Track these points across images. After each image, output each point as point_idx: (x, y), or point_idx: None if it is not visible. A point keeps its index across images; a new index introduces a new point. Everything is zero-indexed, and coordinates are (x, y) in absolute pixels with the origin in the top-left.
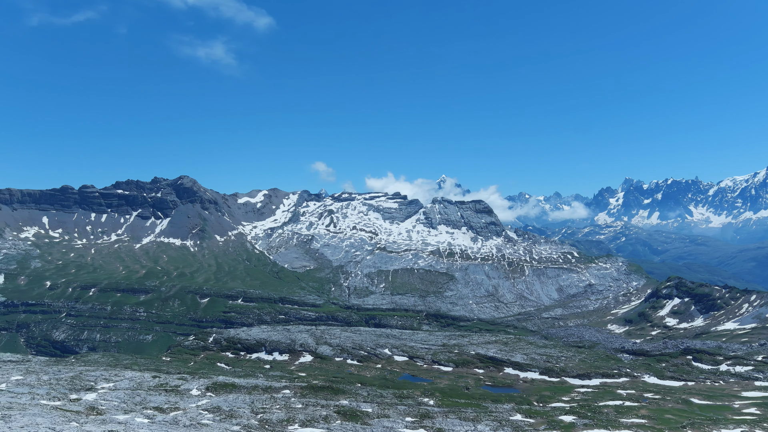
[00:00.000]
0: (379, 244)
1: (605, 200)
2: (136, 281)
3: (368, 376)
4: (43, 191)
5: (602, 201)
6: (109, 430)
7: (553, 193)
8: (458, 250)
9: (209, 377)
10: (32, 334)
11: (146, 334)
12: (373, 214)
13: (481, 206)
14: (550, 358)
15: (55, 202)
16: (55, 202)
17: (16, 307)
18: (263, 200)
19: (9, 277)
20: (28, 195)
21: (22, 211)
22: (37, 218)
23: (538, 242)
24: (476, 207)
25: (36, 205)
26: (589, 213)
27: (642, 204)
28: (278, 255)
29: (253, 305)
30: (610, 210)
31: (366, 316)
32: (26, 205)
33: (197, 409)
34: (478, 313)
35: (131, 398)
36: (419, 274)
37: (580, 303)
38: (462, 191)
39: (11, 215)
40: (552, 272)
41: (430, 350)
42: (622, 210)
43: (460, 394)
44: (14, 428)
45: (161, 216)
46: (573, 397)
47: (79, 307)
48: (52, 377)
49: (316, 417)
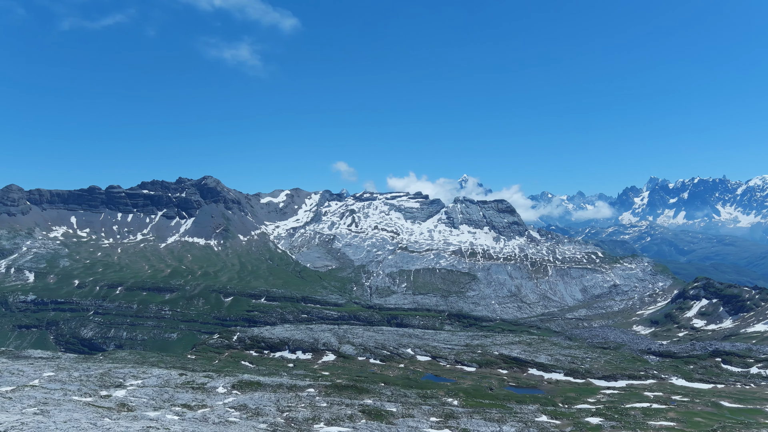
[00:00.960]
0: (400, 244)
1: (630, 200)
2: (162, 280)
3: (391, 376)
4: (71, 192)
5: (627, 200)
6: (148, 426)
7: (577, 192)
8: (480, 250)
9: (234, 375)
10: (61, 332)
11: (171, 333)
12: (394, 214)
13: (503, 206)
14: (575, 359)
15: (83, 202)
16: (82, 202)
17: (45, 305)
18: (285, 200)
19: (39, 275)
20: (57, 195)
21: (51, 211)
22: (65, 218)
23: (562, 242)
24: (498, 207)
25: (64, 205)
26: (613, 212)
27: (667, 203)
28: (300, 254)
29: (275, 304)
30: (635, 209)
31: (388, 315)
32: (55, 206)
33: (224, 406)
34: (500, 313)
35: (159, 395)
36: (441, 274)
37: (604, 304)
38: (484, 191)
39: (41, 215)
40: (576, 272)
41: (453, 350)
42: (647, 209)
43: (484, 395)
44: (58, 422)
45: (186, 216)
46: (599, 398)
47: (106, 305)
48: (83, 374)
49: (341, 416)
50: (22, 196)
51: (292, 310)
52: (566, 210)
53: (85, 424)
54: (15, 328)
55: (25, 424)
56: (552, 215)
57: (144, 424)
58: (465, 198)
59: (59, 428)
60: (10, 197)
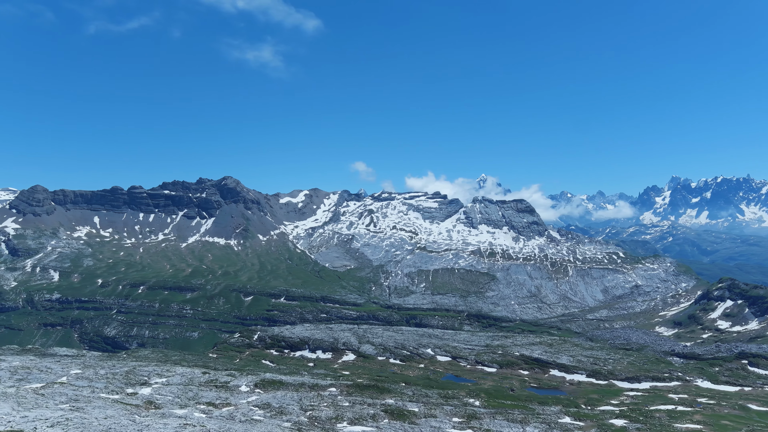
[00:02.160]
0: (419, 244)
1: (651, 199)
2: (183, 279)
3: (412, 376)
4: (94, 192)
5: (648, 200)
6: (185, 423)
7: (597, 192)
8: (499, 250)
9: (256, 374)
10: (85, 330)
11: (192, 331)
12: (413, 214)
13: (522, 205)
14: (597, 360)
15: (106, 202)
16: (105, 202)
17: (70, 304)
18: (304, 200)
19: (63, 274)
20: (81, 196)
21: (74, 211)
22: (88, 218)
23: (582, 242)
24: (518, 206)
25: (88, 206)
26: (634, 212)
27: (690, 203)
28: (319, 254)
29: (295, 304)
30: (656, 209)
31: (407, 315)
32: (79, 206)
33: (248, 405)
34: (520, 313)
35: (184, 393)
36: (460, 274)
37: (626, 304)
38: (503, 190)
39: (65, 215)
40: (597, 273)
41: (473, 351)
42: (668, 209)
43: (506, 396)
44: (99, 418)
45: (206, 216)
46: (622, 400)
47: (129, 304)
48: (108, 372)
49: (364, 415)
50: (47, 196)
51: (311, 310)
52: (586, 210)
53: (124, 420)
54: (41, 326)
55: (70, 420)
56: (572, 215)
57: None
58: (484, 198)
59: (101, 424)
60: (36, 198)
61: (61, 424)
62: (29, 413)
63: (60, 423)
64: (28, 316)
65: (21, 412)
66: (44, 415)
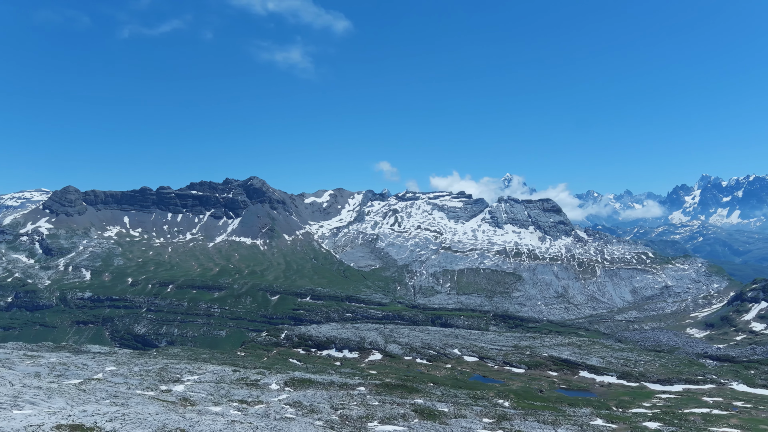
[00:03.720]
0: (444, 244)
1: (680, 198)
2: (210, 278)
3: (439, 376)
4: (124, 192)
5: (677, 199)
6: (232, 421)
7: (624, 191)
8: (525, 249)
9: (285, 372)
10: (116, 328)
11: (220, 330)
12: (437, 214)
13: (549, 205)
14: (628, 362)
15: (135, 202)
16: (135, 202)
17: (101, 302)
18: (329, 200)
19: (95, 273)
20: (111, 196)
21: (105, 212)
22: (118, 218)
23: (610, 242)
24: (544, 206)
25: (118, 206)
26: (663, 212)
27: (720, 202)
28: (344, 254)
29: (320, 303)
30: (686, 209)
31: (432, 315)
32: (109, 206)
33: (279, 403)
34: (547, 314)
35: (216, 391)
36: (485, 274)
37: (656, 305)
38: (529, 190)
39: (96, 215)
40: (625, 273)
41: (500, 351)
42: (698, 208)
43: (535, 397)
44: (152, 413)
45: (233, 216)
46: (655, 403)
47: (158, 302)
48: (142, 369)
49: (394, 415)
50: (79, 197)
51: (336, 309)
52: (613, 209)
53: (175, 417)
54: (73, 324)
55: (126, 415)
56: (599, 215)
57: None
58: (509, 197)
59: (156, 419)
60: (68, 198)
61: (118, 419)
62: (86, 407)
63: (117, 418)
64: (61, 314)
65: (75, 406)
66: (100, 410)
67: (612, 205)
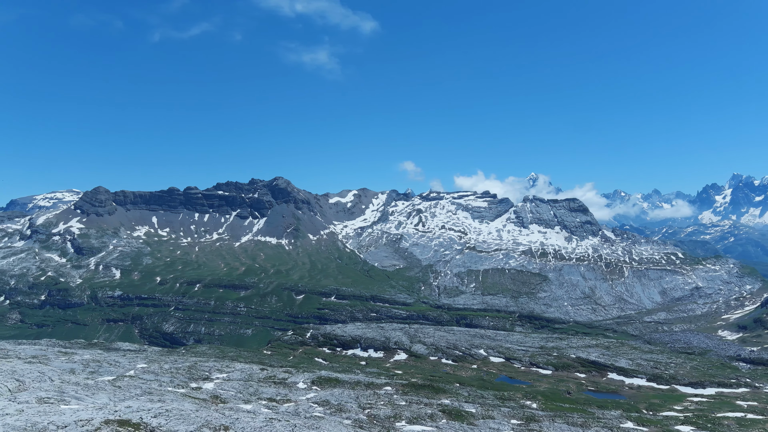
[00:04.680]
0: (468, 244)
1: (710, 198)
2: (237, 278)
3: (465, 376)
4: (152, 193)
5: (707, 198)
6: (271, 418)
7: (652, 190)
8: (551, 250)
9: (312, 371)
10: (145, 326)
11: (246, 328)
12: (461, 213)
13: (575, 204)
14: (658, 364)
15: (163, 203)
16: (162, 203)
17: (130, 301)
18: (353, 200)
19: (124, 272)
20: (140, 196)
21: (134, 212)
22: (147, 218)
23: (638, 242)
24: (570, 205)
25: (146, 206)
26: (692, 211)
27: (753, 201)
28: (368, 254)
29: (345, 302)
30: (716, 208)
31: (457, 315)
32: (138, 206)
33: (307, 402)
34: (573, 315)
35: (245, 389)
36: (510, 275)
37: (686, 307)
38: (554, 189)
39: (125, 215)
40: (654, 274)
41: (527, 352)
42: (729, 208)
43: (563, 399)
44: (193, 410)
45: (258, 216)
46: (686, 406)
47: (186, 301)
48: (172, 366)
49: (422, 415)
50: (109, 197)
51: (361, 309)
52: (641, 209)
53: (215, 414)
54: (104, 322)
55: (170, 411)
56: (627, 214)
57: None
58: (535, 197)
59: (198, 416)
60: (98, 198)
61: (162, 415)
62: (130, 403)
63: (161, 414)
64: (92, 312)
65: (119, 402)
66: (144, 406)
67: (640, 205)
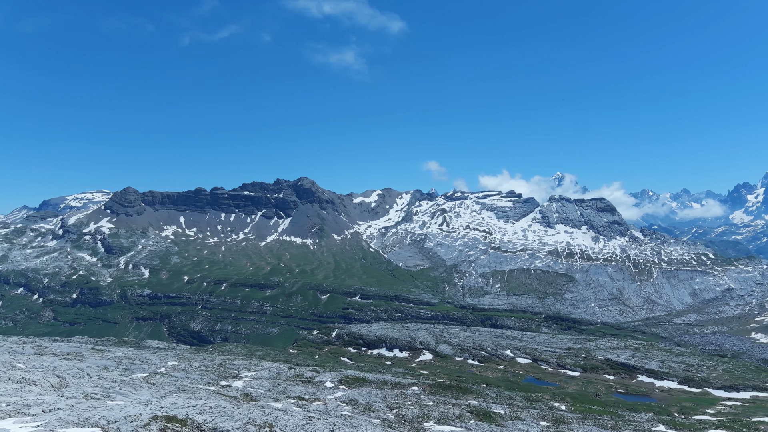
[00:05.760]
0: (493, 244)
1: (742, 197)
2: (262, 277)
3: (491, 377)
4: (180, 193)
5: (739, 198)
6: (310, 416)
7: (681, 189)
8: (578, 250)
9: (339, 371)
10: (173, 324)
11: (272, 327)
12: (486, 213)
13: (602, 204)
14: (690, 366)
15: (190, 203)
16: (190, 203)
17: (159, 299)
18: (377, 200)
19: (153, 271)
20: (168, 197)
21: (162, 212)
22: (175, 218)
23: (667, 242)
24: (597, 205)
25: (174, 206)
26: (723, 211)
27: None
28: (392, 254)
29: (370, 302)
30: (749, 208)
31: (482, 316)
32: (166, 206)
33: (335, 401)
34: (601, 316)
35: (274, 387)
36: (536, 275)
37: (717, 309)
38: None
39: (153, 215)
40: (684, 275)
41: (554, 353)
42: (762, 208)
43: (592, 401)
44: (238, 407)
45: (283, 216)
46: (720, 410)
47: (213, 300)
48: (201, 364)
49: (450, 415)
50: (138, 198)
51: (386, 309)
52: (670, 209)
53: (255, 411)
54: (133, 320)
55: (213, 408)
56: (656, 214)
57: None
58: (561, 196)
59: (241, 413)
60: (127, 199)
61: (207, 411)
62: (175, 400)
63: (206, 411)
64: (122, 310)
65: (162, 398)
66: (188, 402)
67: (669, 205)
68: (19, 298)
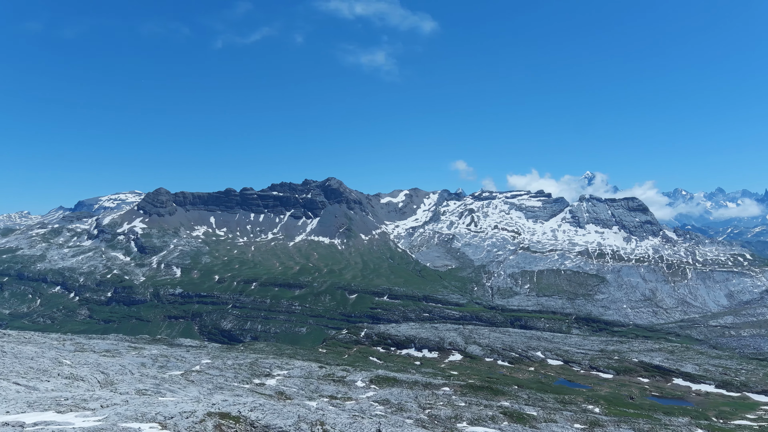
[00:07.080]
0: (522, 244)
1: None
2: (291, 277)
3: (522, 379)
4: (210, 194)
5: None
6: (355, 414)
7: (716, 188)
8: (609, 250)
9: (369, 370)
10: (204, 323)
11: (301, 327)
12: (515, 213)
13: (634, 204)
14: (727, 370)
15: (220, 203)
16: (220, 203)
17: (190, 298)
18: (404, 200)
19: (184, 270)
20: (198, 197)
21: (193, 212)
22: (205, 218)
23: (702, 243)
24: (629, 205)
25: (204, 207)
26: (761, 210)
27: None
28: (420, 254)
29: (398, 302)
30: None
31: (511, 317)
32: (197, 207)
33: (368, 400)
34: (633, 318)
35: (306, 386)
36: (566, 276)
37: (755, 311)
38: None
39: (185, 216)
40: (720, 276)
41: (586, 355)
42: None
43: (626, 404)
44: (283, 405)
45: (311, 216)
46: (760, 415)
47: (243, 299)
48: (234, 362)
49: (483, 416)
50: (169, 198)
51: (414, 309)
52: (704, 208)
53: (302, 410)
54: (165, 318)
55: (263, 405)
56: (690, 214)
57: (349, 413)
58: (591, 196)
59: (289, 410)
60: (159, 199)
61: (258, 409)
62: (225, 397)
63: (257, 408)
64: (154, 309)
65: (210, 395)
66: (238, 400)
67: (703, 204)
68: (57, 296)
